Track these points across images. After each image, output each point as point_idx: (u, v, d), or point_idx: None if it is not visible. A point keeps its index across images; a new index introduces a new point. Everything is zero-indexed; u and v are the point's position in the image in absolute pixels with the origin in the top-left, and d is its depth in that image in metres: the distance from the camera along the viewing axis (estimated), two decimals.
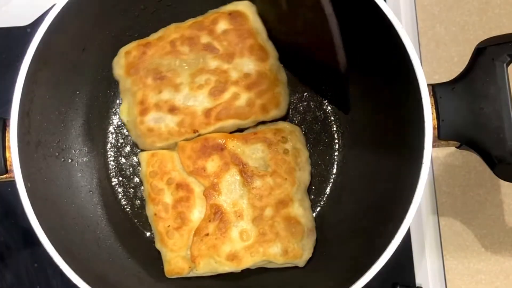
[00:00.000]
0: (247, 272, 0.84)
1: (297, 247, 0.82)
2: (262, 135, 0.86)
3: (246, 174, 0.83)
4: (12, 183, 0.73)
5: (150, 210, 0.85)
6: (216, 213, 0.81)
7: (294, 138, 0.87)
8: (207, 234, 0.81)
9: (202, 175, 0.83)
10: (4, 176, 0.76)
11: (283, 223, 0.82)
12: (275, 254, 0.82)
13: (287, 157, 0.85)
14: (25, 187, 0.72)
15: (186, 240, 0.82)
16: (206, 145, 0.84)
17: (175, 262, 0.82)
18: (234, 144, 0.84)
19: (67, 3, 0.76)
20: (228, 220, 0.81)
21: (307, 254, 0.84)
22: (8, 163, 0.75)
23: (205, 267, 0.82)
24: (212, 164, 0.83)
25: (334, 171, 0.94)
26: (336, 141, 0.94)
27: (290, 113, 0.95)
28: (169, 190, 0.84)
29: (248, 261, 0.81)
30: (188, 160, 0.83)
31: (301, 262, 0.84)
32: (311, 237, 0.85)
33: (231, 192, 0.83)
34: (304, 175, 0.87)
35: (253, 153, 0.85)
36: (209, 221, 0.81)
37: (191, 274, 0.83)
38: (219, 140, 0.84)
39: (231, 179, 0.83)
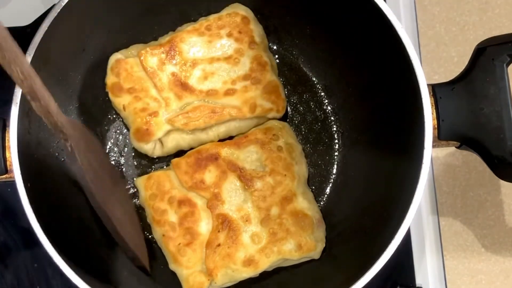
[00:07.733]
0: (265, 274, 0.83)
1: (310, 240, 0.82)
2: (253, 136, 0.86)
3: (245, 178, 0.83)
4: (12, 183, 0.73)
5: (157, 233, 0.83)
6: (223, 223, 0.81)
7: (284, 134, 0.87)
8: (219, 245, 0.80)
9: (202, 188, 0.82)
10: (4, 176, 0.76)
11: (291, 219, 0.82)
12: (290, 250, 0.81)
13: (281, 153, 0.85)
14: (25, 187, 0.72)
15: (200, 254, 0.81)
16: (200, 158, 0.84)
17: (193, 278, 0.80)
18: (227, 151, 0.84)
19: (67, 3, 0.76)
20: (237, 227, 0.81)
21: (320, 245, 0.84)
22: (8, 163, 0.75)
23: (224, 278, 0.80)
24: (209, 175, 0.83)
25: (334, 171, 0.94)
26: (336, 141, 0.94)
27: (290, 113, 0.95)
28: (172, 209, 0.82)
29: (265, 263, 0.80)
30: (185, 176, 0.83)
31: (316, 254, 0.83)
32: (321, 227, 0.85)
33: (233, 198, 0.83)
34: (301, 168, 0.87)
35: (248, 156, 0.85)
36: (218, 231, 0.81)
37: None
38: (212, 150, 0.84)
39: (232, 186, 0.83)
